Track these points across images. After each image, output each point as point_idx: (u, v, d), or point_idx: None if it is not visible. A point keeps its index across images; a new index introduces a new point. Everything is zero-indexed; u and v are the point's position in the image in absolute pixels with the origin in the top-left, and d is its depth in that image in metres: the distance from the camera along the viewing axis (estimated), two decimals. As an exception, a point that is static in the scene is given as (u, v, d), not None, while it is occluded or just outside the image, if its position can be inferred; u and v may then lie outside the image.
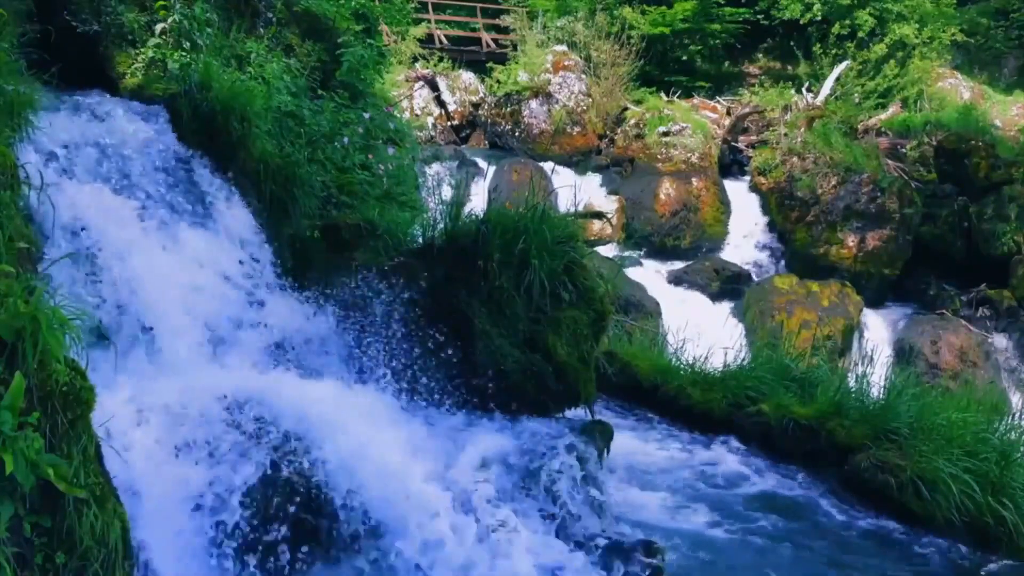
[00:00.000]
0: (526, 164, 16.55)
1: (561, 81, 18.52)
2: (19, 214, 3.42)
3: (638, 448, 5.80)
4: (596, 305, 5.03)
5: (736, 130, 17.89)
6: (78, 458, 2.57)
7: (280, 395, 3.87)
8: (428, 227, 5.11)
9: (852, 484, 5.38)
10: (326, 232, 5.13)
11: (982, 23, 21.11)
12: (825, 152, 15.62)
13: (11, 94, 3.98)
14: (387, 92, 9.41)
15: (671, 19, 19.68)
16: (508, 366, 4.64)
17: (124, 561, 2.66)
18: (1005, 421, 5.73)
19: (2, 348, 2.49)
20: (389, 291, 4.80)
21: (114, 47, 5.43)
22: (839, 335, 13.66)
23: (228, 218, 4.85)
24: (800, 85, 18.53)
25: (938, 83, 19.50)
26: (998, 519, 4.88)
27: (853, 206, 15.27)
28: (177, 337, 4.11)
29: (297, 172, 5.24)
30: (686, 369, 6.91)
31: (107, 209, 4.23)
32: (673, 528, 4.72)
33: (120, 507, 2.71)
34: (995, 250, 14.62)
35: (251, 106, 5.10)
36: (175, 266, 4.35)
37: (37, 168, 3.79)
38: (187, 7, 5.50)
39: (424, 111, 19.01)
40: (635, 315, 12.15)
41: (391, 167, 6.40)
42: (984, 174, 15.09)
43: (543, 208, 4.92)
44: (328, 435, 3.71)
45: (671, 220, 16.22)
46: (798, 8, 19.62)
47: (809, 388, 6.36)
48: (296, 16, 6.68)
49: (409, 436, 4.07)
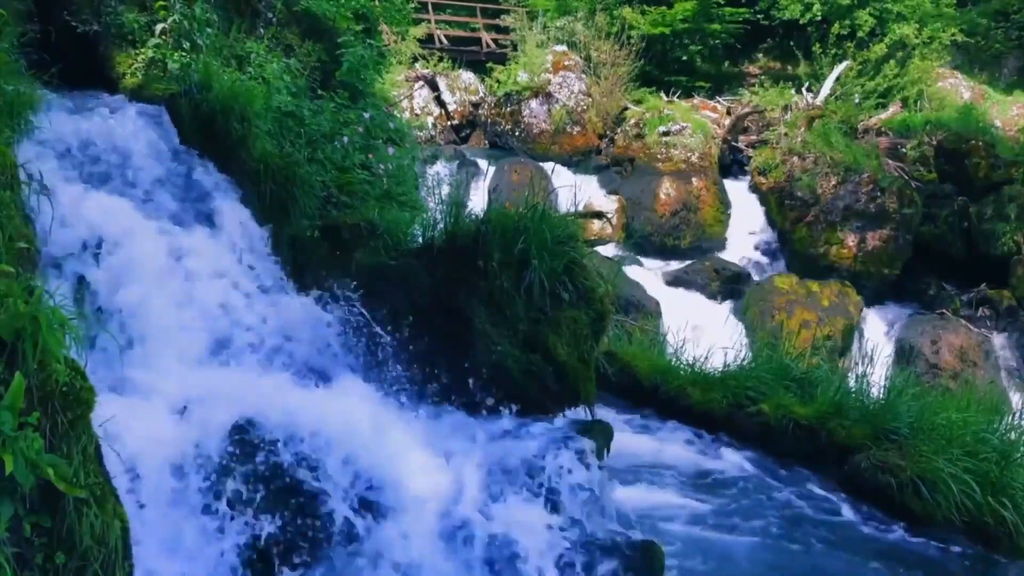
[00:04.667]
0: (526, 164, 16.54)
1: (561, 81, 18.51)
2: (19, 214, 3.42)
3: (638, 448, 5.79)
4: (596, 305, 5.02)
5: (736, 130, 17.88)
6: (78, 458, 2.57)
7: (280, 396, 3.87)
8: (428, 227, 5.10)
9: (852, 484, 5.38)
10: (326, 232, 5.12)
11: (982, 24, 21.09)
12: (825, 152, 15.60)
13: (11, 94, 3.98)
14: (387, 92, 9.41)
15: (671, 19, 19.66)
16: (508, 366, 4.63)
17: (124, 561, 2.66)
18: (1005, 421, 5.73)
19: (2, 348, 2.48)
20: (389, 291, 4.80)
21: (114, 47, 5.44)
22: (839, 335, 13.65)
23: (228, 218, 4.84)
24: (800, 85, 18.50)
25: (938, 83, 19.48)
26: (998, 519, 4.89)
27: (853, 206, 15.26)
28: (176, 337, 4.10)
29: (297, 172, 5.24)
30: (686, 369, 6.90)
31: (107, 209, 4.24)
32: (673, 528, 4.72)
33: (120, 507, 2.71)
34: (995, 250, 14.61)
35: (251, 106, 5.10)
36: (174, 266, 4.35)
37: (37, 168, 3.79)
38: (187, 7, 5.50)
39: (424, 111, 19.00)
40: (635, 315, 12.14)
41: (391, 167, 6.40)
42: (984, 174, 15.09)
43: (543, 208, 4.91)
44: (328, 435, 3.72)
45: (671, 220, 16.21)
46: (798, 8, 19.60)
47: (809, 388, 6.36)
48: (296, 16, 6.68)
49: (409, 435, 4.08)
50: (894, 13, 19.38)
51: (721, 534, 4.76)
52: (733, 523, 4.88)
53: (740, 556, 4.55)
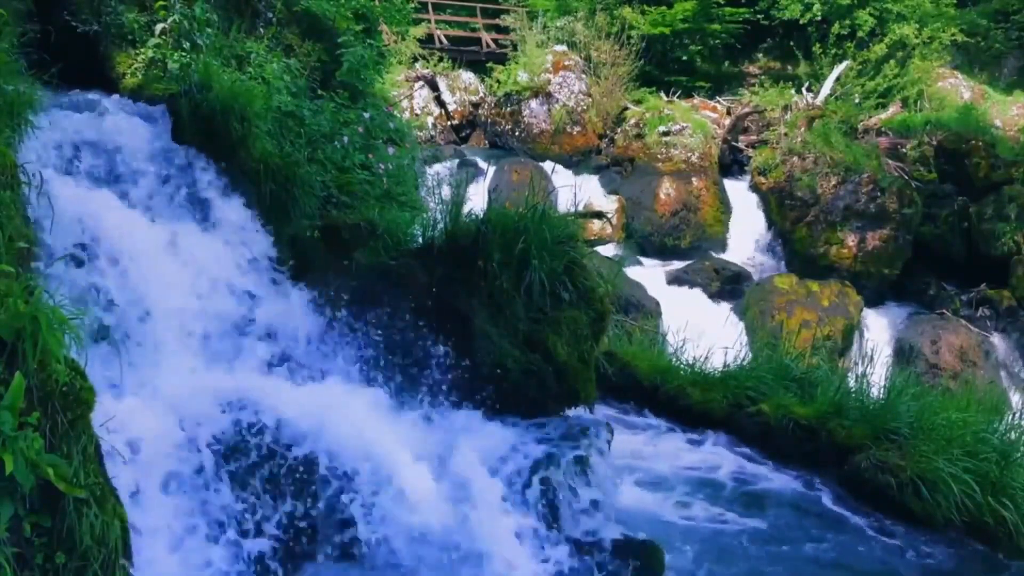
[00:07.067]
0: (526, 164, 16.54)
1: (561, 81, 18.52)
2: (19, 214, 3.42)
3: (638, 448, 5.80)
4: (596, 305, 5.02)
5: (736, 130, 17.88)
6: (78, 458, 2.58)
7: (278, 395, 3.87)
8: (428, 227, 5.10)
9: (852, 484, 5.38)
10: (326, 232, 5.12)
11: (982, 24, 21.09)
12: (825, 152, 15.61)
13: (11, 94, 3.98)
14: (387, 92, 9.40)
15: (671, 19, 19.66)
16: (508, 366, 4.63)
17: (124, 561, 2.66)
18: (1005, 421, 5.72)
19: (2, 348, 2.49)
20: (389, 291, 4.80)
21: (114, 47, 5.44)
22: (839, 335, 13.65)
23: (228, 218, 4.84)
24: (800, 85, 18.50)
25: (938, 83, 19.48)
26: (998, 519, 4.88)
27: (853, 206, 15.26)
28: (176, 337, 4.10)
29: (297, 172, 5.23)
30: (686, 369, 6.90)
31: (107, 209, 4.23)
32: (672, 528, 4.72)
33: (120, 507, 2.71)
34: (995, 250, 14.61)
35: (251, 106, 5.10)
36: (174, 266, 4.35)
37: (37, 168, 3.79)
38: (187, 7, 5.50)
39: (424, 111, 18.99)
40: (635, 315, 12.14)
41: (391, 167, 6.39)
42: (984, 174, 15.09)
43: (543, 208, 4.91)
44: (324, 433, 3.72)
45: (671, 220, 16.22)
46: (798, 8, 19.60)
47: (809, 388, 6.36)
48: (296, 16, 6.68)
49: (408, 435, 4.07)
50: (894, 13, 19.38)
51: (720, 534, 4.76)
52: (732, 523, 4.88)
53: (739, 555, 4.55)
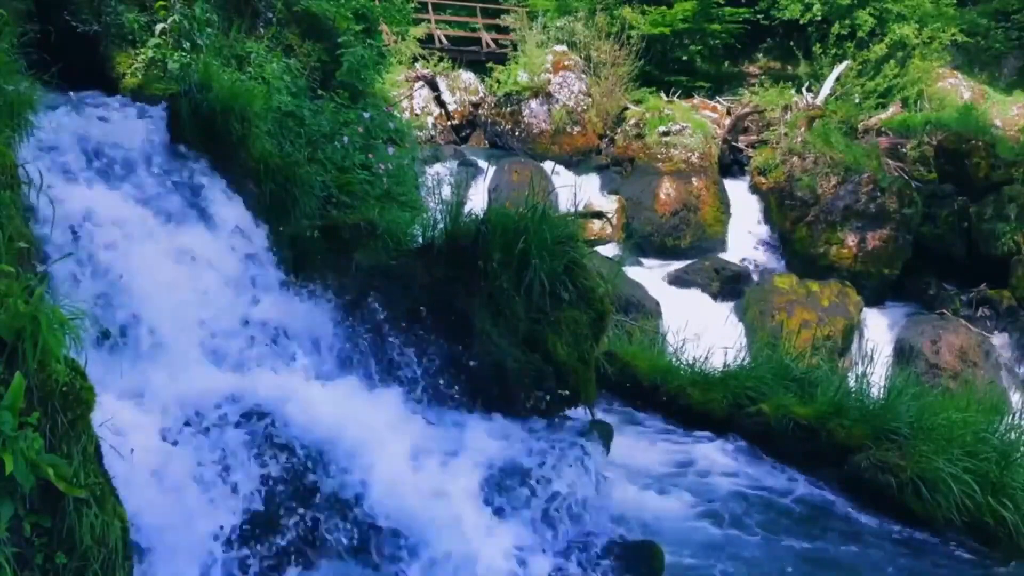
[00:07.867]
0: (526, 164, 16.53)
1: (561, 81, 18.51)
2: (19, 214, 3.42)
3: (638, 448, 5.79)
4: (596, 305, 5.02)
5: (736, 130, 17.88)
6: (78, 458, 2.57)
7: (278, 394, 3.87)
8: (428, 227, 5.10)
9: (852, 484, 5.38)
10: (326, 232, 5.12)
11: (982, 24, 21.09)
12: (825, 152, 15.60)
13: (11, 94, 3.98)
14: (387, 92, 9.39)
15: (671, 19, 19.66)
16: (508, 366, 4.63)
17: (124, 561, 2.66)
18: (1005, 421, 5.72)
19: (2, 348, 2.49)
20: (388, 291, 4.80)
21: (114, 47, 5.44)
22: (839, 335, 13.65)
23: (228, 218, 4.84)
24: (800, 85, 18.50)
25: (938, 83, 19.48)
26: (998, 519, 4.88)
27: (853, 206, 15.26)
28: (176, 337, 4.10)
29: (297, 172, 5.24)
30: (686, 369, 6.90)
31: (107, 209, 4.24)
32: (672, 528, 4.72)
33: (120, 507, 2.71)
34: (995, 250, 14.60)
35: (251, 106, 5.10)
36: (174, 266, 4.35)
37: (37, 168, 3.79)
38: (187, 7, 5.50)
39: (424, 111, 18.99)
40: (635, 315, 12.14)
41: (391, 167, 6.39)
42: (984, 174, 15.07)
43: (543, 208, 4.91)
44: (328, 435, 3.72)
45: (671, 220, 16.22)
46: (798, 8, 19.60)
47: (809, 388, 6.35)
48: (296, 16, 6.68)
49: (408, 435, 4.07)
50: (894, 13, 19.37)
51: (719, 534, 4.76)
52: (731, 523, 4.88)
53: (739, 555, 4.55)
